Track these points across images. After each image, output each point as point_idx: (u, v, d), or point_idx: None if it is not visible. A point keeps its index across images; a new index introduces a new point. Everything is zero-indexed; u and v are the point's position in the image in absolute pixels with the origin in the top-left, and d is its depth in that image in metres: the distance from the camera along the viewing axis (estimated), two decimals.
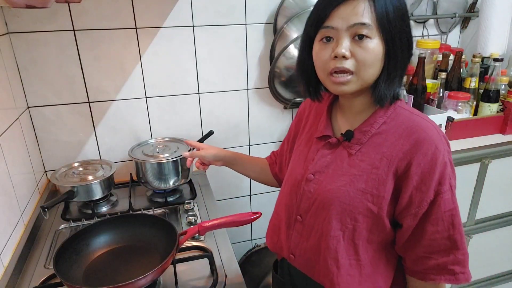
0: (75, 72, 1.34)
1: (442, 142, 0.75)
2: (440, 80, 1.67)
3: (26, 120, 1.30)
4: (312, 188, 0.83)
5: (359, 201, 0.77)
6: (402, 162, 0.74)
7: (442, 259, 0.76)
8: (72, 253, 0.93)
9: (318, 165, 0.83)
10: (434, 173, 0.72)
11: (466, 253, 0.77)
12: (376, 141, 0.77)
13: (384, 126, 0.77)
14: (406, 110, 0.79)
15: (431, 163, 0.72)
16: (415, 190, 0.74)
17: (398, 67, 0.74)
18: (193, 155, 1.14)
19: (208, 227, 0.96)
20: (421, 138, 0.73)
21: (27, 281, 0.98)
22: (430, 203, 0.74)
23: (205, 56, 1.47)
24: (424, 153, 0.72)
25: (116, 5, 1.31)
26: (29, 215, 1.20)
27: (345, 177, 0.78)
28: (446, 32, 1.96)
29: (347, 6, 0.69)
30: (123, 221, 1.04)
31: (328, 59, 0.73)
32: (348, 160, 0.79)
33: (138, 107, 1.46)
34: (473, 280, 1.85)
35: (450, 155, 0.76)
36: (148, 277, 0.82)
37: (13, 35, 1.24)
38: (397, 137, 0.75)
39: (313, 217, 0.83)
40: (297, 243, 0.88)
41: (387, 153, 0.75)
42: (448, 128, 1.62)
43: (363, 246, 0.80)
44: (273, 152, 1.14)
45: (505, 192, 1.67)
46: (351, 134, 0.80)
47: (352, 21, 0.69)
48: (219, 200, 1.72)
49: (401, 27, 0.71)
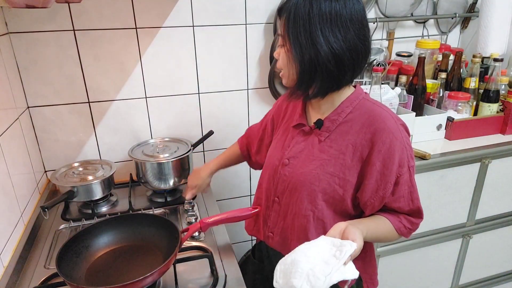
0: (75, 72, 1.34)
1: (399, 130, 0.84)
2: (440, 80, 1.67)
3: (26, 120, 1.30)
4: (287, 171, 0.92)
5: (327, 183, 0.86)
6: (365, 149, 0.83)
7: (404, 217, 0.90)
8: (73, 255, 0.93)
9: (293, 151, 0.93)
10: (393, 158, 0.82)
11: (420, 220, 0.92)
12: (343, 129, 0.87)
13: (350, 115, 0.86)
14: (369, 101, 0.88)
15: (390, 150, 0.82)
16: (379, 175, 0.83)
17: (307, 71, 0.81)
18: (194, 194, 1.29)
19: (210, 223, 0.96)
20: (380, 127, 0.82)
21: (27, 281, 0.98)
22: (393, 184, 0.84)
23: (205, 56, 1.47)
24: (383, 141, 0.82)
25: (116, 5, 1.31)
26: (29, 215, 1.20)
27: (315, 162, 0.88)
28: (446, 32, 1.96)
29: (281, 17, 0.83)
30: (124, 221, 1.04)
31: None
32: (319, 146, 0.89)
33: (138, 107, 1.46)
34: (473, 280, 1.85)
35: (408, 140, 0.85)
36: (155, 275, 0.83)
37: (13, 35, 1.24)
38: (360, 126, 0.85)
39: (288, 197, 0.93)
40: (276, 222, 0.98)
41: (352, 141, 0.85)
42: (448, 128, 1.63)
43: (330, 225, 0.86)
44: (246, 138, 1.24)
45: (505, 192, 1.67)
46: (321, 122, 0.89)
47: (278, 30, 0.84)
48: (219, 200, 1.72)
49: (307, 37, 0.78)
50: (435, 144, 1.59)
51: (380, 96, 1.52)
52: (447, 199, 1.58)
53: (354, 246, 0.72)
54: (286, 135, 0.97)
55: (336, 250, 0.72)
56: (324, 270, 0.68)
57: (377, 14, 1.79)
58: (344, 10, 0.76)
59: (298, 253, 0.73)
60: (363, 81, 1.65)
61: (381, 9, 1.77)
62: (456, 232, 1.67)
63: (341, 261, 0.69)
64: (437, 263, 1.72)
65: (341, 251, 0.71)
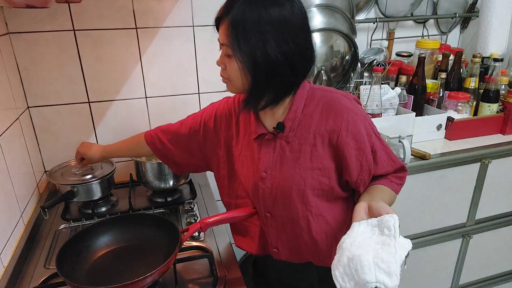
0: (75, 72, 1.34)
1: (353, 104, 0.87)
2: (440, 80, 1.67)
3: (26, 120, 1.30)
4: (269, 183, 0.90)
5: (312, 179, 0.87)
6: (332, 134, 0.85)
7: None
8: (73, 255, 0.93)
9: (266, 162, 0.90)
10: (361, 131, 0.85)
11: (406, 173, 0.95)
12: (304, 123, 0.87)
13: (306, 109, 0.87)
14: (318, 89, 0.89)
15: (355, 125, 0.85)
16: (357, 151, 0.85)
17: (261, 81, 0.80)
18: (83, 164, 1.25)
19: (210, 223, 0.96)
20: (339, 109, 0.85)
21: (27, 281, 0.98)
22: (372, 153, 0.87)
23: (205, 56, 1.47)
24: (346, 120, 0.84)
25: (116, 5, 1.31)
26: (29, 215, 1.20)
27: (292, 163, 0.88)
28: (446, 32, 1.96)
29: (222, 26, 0.79)
30: (124, 221, 1.04)
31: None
32: (289, 147, 0.88)
33: (138, 107, 1.46)
34: (473, 280, 1.85)
35: (363, 110, 0.89)
36: (155, 275, 0.83)
37: (13, 35, 1.24)
38: (319, 113, 0.86)
39: (280, 209, 0.91)
40: (277, 237, 0.96)
41: (317, 130, 0.86)
42: (448, 128, 1.63)
43: (329, 215, 0.90)
44: (161, 130, 1.12)
45: (505, 192, 1.67)
46: (282, 125, 0.88)
47: (220, 39, 0.81)
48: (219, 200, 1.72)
49: (254, 44, 0.76)
50: (435, 144, 1.59)
51: (380, 96, 1.52)
52: (447, 199, 1.58)
53: (395, 216, 0.69)
54: (251, 150, 0.94)
55: (379, 229, 0.69)
56: (388, 251, 0.65)
57: (377, 14, 1.79)
58: (292, 16, 0.77)
59: (350, 248, 0.68)
60: (363, 81, 1.65)
61: (381, 9, 1.77)
62: (456, 232, 1.67)
63: (396, 234, 0.66)
64: (437, 263, 1.72)
65: (388, 227, 0.67)
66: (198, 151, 1.06)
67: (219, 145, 1.02)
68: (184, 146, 1.07)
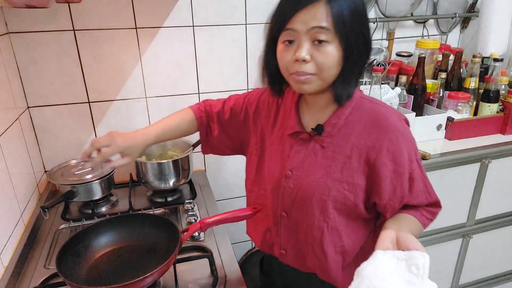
0: (75, 72, 1.34)
1: (402, 125, 0.82)
2: (440, 80, 1.67)
3: (26, 120, 1.30)
4: (291, 184, 0.86)
5: (336, 190, 0.82)
6: (371, 150, 0.79)
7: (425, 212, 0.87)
8: (73, 255, 0.93)
9: (294, 161, 0.86)
10: (403, 155, 0.79)
11: (439, 209, 0.89)
12: (344, 131, 0.82)
13: (350, 117, 0.82)
14: (368, 100, 0.84)
15: (398, 147, 0.79)
16: (393, 174, 0.80)
17: (355, 70, 0.77)
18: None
19: (210, 223, 0.95)
20: (386, 126, 0.79)
21: (27, 281, 0.98)
22: (408, 181, 0.81)
23: (205, 56, 1.47)
24: (390, 139, 0.79)
25: (116, 5, 1.31)
26: (29, 215, 1.20)
27: (321, 170, 0.83)
28: (446, 32, 1.96)
29: (309, 10, 0.71)
30: (124, 221, 1.04)
31: (290, 61, 0.76)
32: (322, 152, 0.84)
33: (138, 107, 1.46)
34: (473, 280, 1.85)
35: (411, 134, 0.83)
36: (155, 275, 0.83)
37: (13, 35, 1.24)
38: (363, 126, 0.81)
39: (297, 211, 0.87)
40: (288, 239, 0.92)
41: (356, 143, 0.81)
42: (448, 128, 1.63)
43: (345, 232, 0.85)
44: (205, 105, 1.06)
45: (505, 192, 1.67)
46: (321, 128, 0.83)
47: (311, 24, 0.71)
48: (219, 200, 1.72)
49: (359, 31, 0.74)
50: (435, 144, 1.59)
51: (380, 96, 1.52)
52: (447, 199, 1.57)
53: (426, 255, 0.64)
54: (283, 145, 0.90)
55: (405, 264, 0.65)
56: None
57: (377, 14, 1.79)
58: (365, 8, 0.77)
59: (370, 277, 0.64)
60: (363, 81, 1.65)
61: (381, 9, 1.77)
62: (456, 232, 1.67)
63: (425, 275, 0.63)
64: (437, 263, 1.72)
65: (417, 265, 0.64)
66: (235, 134, 1.03)
67: (255, 132, 0.98)
68: (224, 127, 1.03)
